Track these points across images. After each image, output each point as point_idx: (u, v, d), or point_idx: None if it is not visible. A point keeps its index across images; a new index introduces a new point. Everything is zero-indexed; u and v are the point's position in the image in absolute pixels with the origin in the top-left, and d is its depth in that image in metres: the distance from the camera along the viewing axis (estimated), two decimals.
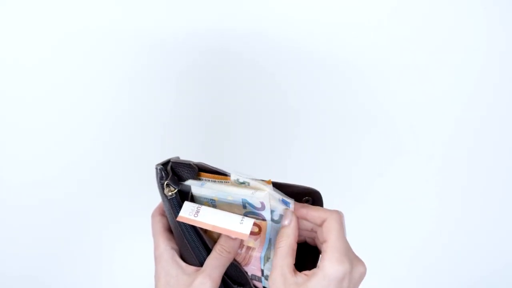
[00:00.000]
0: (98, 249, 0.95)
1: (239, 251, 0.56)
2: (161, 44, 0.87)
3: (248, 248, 0.56)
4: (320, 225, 0.52)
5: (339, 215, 0.51)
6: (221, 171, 0.52)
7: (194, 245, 0.54)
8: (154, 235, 0.57)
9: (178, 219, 0.52)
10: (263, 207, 0.52)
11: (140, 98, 0.90)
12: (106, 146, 0.91)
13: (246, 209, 0.53)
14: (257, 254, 0.56)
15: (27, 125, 0.88)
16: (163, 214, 0.58)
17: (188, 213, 0.52)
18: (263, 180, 0.51)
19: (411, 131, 0.97)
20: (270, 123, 0.93)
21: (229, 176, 0.52)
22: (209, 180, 0.54)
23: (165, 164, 0.54)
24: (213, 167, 0.53)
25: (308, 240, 0.56)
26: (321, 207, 0.54)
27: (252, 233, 0.54)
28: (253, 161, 0.94)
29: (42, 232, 0.92)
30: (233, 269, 0.56)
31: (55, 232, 0.93)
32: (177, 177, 0.53)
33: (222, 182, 0.53)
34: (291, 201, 0.53)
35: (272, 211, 0.52)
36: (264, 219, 0.53)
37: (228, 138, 0.94)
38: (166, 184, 0.52)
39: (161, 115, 0.91)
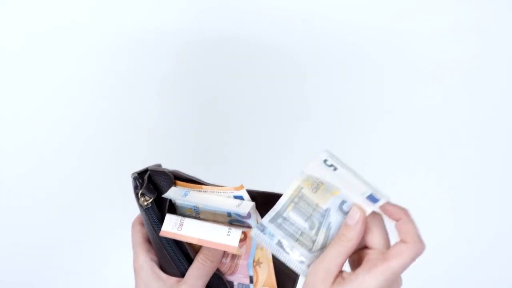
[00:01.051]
0: (80, 257, 0.95)
1: (223, 260, 0.55)
2: (148, 46, 0.87)
3: (234, 256, 0.55)
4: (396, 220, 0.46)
5: (421, 245, 0.45)
6: (196, 180, 0.51)
7: (174, 255, 0.53)
8: (133, 246, 0.56)
9: (161, 234, 0.50)
10: (249, 215, 0.50)
11: (136, 106, 0.90)
12: (97, 152, 0.91)
13: (231, 217, 0.52)
14: (244, 261, 0.54)
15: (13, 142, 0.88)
16: (143, 224, 0.56)
17: (171, 226, 0.50)
18: (234, 187, 0.50)
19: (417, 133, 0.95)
20: (261, 126, 0.92)
21: (204, 184, 0.51)
22: (191, 190, 0.52)
23: (142, 172, 0.53)
24: (188, 175, 0.51)
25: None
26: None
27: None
28: (243, 165, 0.93)
29: (36, 234, 0.92)
30: (216, 280, 0.54)
31: (48, 237, 0.93)
32: (153, 185, 0.52)
33: (200, 191, 0.51)
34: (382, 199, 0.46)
35: (343, 202, 0.46)
36: (249, 226, 0.52)
37: (217, 142, 0.93)
38: (141, 194, 0.50)
39: (157, 121, 0.91)
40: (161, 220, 0.51)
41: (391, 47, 0.91)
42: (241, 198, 0.50)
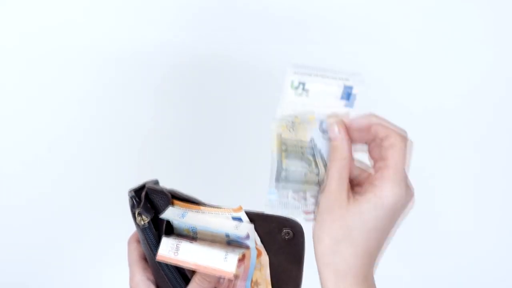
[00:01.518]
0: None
1: (221, 280, 0.54)
2: (144, 57, 0.87)
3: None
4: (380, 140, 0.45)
5: (403, 134, 0.45)
6: (193, 200, 0.50)
7: (171, 275, 0.52)
8: (129, 264, 0.55)
9: (158, 258, 0.49)
10: (247, 236, 0.50)
11: (133, 113, 0.90)
12: (91, 161, 0.91)
13: (229, 238, 0.51)
14: (242, 282, 0.54)
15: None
16: (139, 241, 0.55)
17: (168, 250, 0.49)
18: (233, 208, 0.49)
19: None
20: (253, 137, 0.91)
21: (202, 205, 0.50)
22: (189, 210, 0.51)
23: (139, 190, 0.52)
24: (185, 195, 0.50)
25: (372, 146, 0.48)
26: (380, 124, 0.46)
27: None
28: (239, 178, 0.92)
29: (31, 236, 0.92)
30: None
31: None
32: (151, 204, 0.51)
33: (198, 211, 0.51)
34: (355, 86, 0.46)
35: (322, 122, 0.46)
36: (248, 247, 0.51)
37: (214, 155, 0.93)
38: (138, 213, 0.49)
39: (155, 130, 0.91)
40: (158, 240, 0.51)
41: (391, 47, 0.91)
42: (239, 219, 0.49)
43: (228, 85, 0.90)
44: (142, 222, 0.50)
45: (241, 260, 0.52)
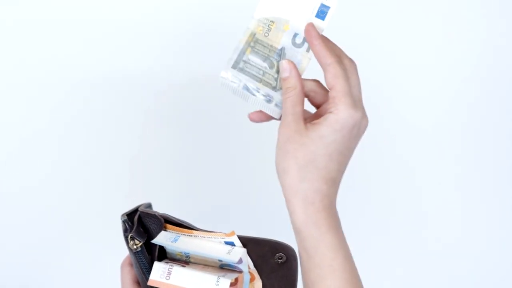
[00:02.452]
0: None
1: None
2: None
3: None
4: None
5: (348, 60, 0.48)
6: (186, 225, 0.50)
7: None
8: (122, 287, 0.54)
9: (149, 283, 0.49)
10: (240, 261, 0.49)
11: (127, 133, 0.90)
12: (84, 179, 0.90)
13: (222, 262, 0.51)
14: None
15: None
16: (132, 265, 0.55)
17: (159, 275, 0.49)
18: (225, 233, 0.49)
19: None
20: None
21: (194, 229, 0.50)
22: (182, 234, 0.51)
23: (132, 213, 0.52)
24: (178, 219, 0.50)
25: (311, 95, 0.51)
26: (332, 48, 0.49)
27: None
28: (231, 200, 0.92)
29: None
30: None
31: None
32: (143, 228, 0.51)
33: (190, 236, 0.50)
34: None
35: (295, 34, 0.50)
36: (241, 271, 0.51)
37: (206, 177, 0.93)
38: (131, 237, 0.49)
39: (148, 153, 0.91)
40: (151, 264, 0.50)
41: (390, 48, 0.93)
42: (232, 244, 0.49)
43: (220, 106, 0.90)
44: (135, 246, 0.49)
45: (234, 284, 0.51)
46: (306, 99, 0.51)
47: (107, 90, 0.88)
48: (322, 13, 0.49)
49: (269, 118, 0.51)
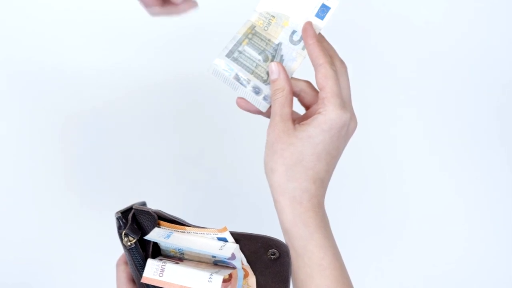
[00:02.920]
0: None
1: None
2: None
3: None
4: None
5: (340, 62, 0.49)
6: (179, 221, 0.50)
7: None
8: (118, 286, 0.55)
9: (143, 280, 0.50)
10: (233, 257, 0.50)
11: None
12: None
13: (216, 258, 0.51)
14: None
15: None
16: (127, 263, 0.55)
17: (153, 272, 0.49)
18: (218, 229, 0.49)
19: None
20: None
21: (187, 226, 0.50)
22: (175, 231, 0.51)
23: (126, 211, 0.52)
24: (171, 215, 0.51)
25: (302, 95, 0.52)
26: (326, 48, 0.50)
27: (223, 280, 0.51)
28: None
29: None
30: None
31: None
32: (137, 225, 0.51)
33: (184, 232, 0.51)
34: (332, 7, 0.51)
35: (293, 32, 0.51)
36: (234, 267, 0.51)
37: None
38: (125, 234, 0.49)
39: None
40: (145, 261, 0.51)
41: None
42: (224, 240, 0.50)
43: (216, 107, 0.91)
44: (129, 243, 0.50)
45: (228, 280, 0.52)
46: (296, 99, 0.52)
47: (98, 88, 0.88)
48: (322, 12, 0.51)
49: (255, 110, 0.52)
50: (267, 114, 0.52)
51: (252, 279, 0.52)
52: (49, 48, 0.88)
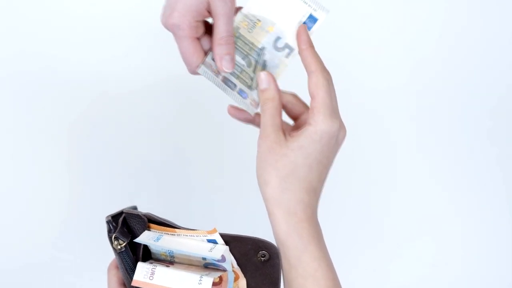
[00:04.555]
0: None
1: None
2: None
3: None
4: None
5: (327, 72, 0.49)
6: (169, 223, 0.51)
7: None
8: None
9: (133, 283, 0.50)
10: (223, 259, 0.50)
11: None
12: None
13: (206, 261, 0.51)
14: None
15: None
16: (119, 267, 0.55)
17: (143, 275, 0.50)
18: (207, 231, 0.49)
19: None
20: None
21: (177, 228, 0.50)
22: (164, 233, 0.52)
23: (117, 215, 0.52)
24: (161, 218, 0.51)
25: (289, 107, 0.53)
26: (312, 59, 0.50)
27: (213, 283, 0.51)
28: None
29: None
30: None
31: None
32: (128, 228, 0.51)
33: (173, 234, 0.51)
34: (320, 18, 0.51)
35: (278, 38, 0.51)
36: (225, 270, 0.51)
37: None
38: (115, 237, 0.50)
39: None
40: (136, 264, 0.51)
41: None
42: (214, 242, 0.50)
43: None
44: (119, 247, 0.50)
45: (218, 283, 0.52)
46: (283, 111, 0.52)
47: (92, 92, 0.89)
48: (309, 23, 0.50)
49: (244, 119, 0.52)
50: (257, 123, 0.52)
51: (242, 282, 0.52)
52: (47, 50, 0.88)
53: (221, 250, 0.49)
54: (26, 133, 0.90)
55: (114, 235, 0.50)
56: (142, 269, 0.50)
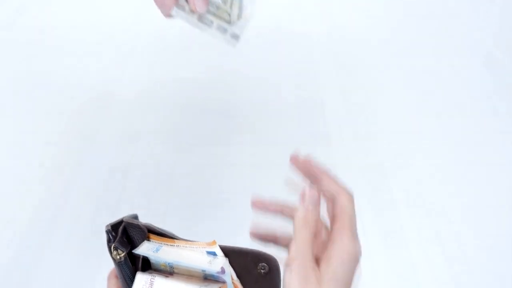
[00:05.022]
0: None
1: None
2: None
3: None
4: (330, 200, 0.49)
5: (351, 193, 0.49)
6: (168, 234, 0.50)
7: None
8: None
9: None
10: (223, 271, 0.49)
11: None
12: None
13: (206, 273, 0.51)
14: None
15: None
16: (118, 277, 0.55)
17: (142, 286, 0.49)
18: (207, 243, 0.49)
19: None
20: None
21: (176, 239, 0.50)
22: (163, 244, 0.51)
23: (116, 224, 0.51)
24: (160, 229, 0.50)
25: (281, 239, 0.54)
26: (333, 184, 0.49)
27: None
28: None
29: None
30: None
31: None
32: (127, 238, 0.51)
33: (173, 245, 0.50)
34: None
35: None
36: (224, 282, 0.50)
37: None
38: (114, 247, 0.49)
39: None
40: (135, 274, 0.50)
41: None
42: (213, 254, 0.49)
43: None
44: (118, 257, 0.49)
45: None
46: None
47: (92, 92, 0.89)
48: None
49: (270, 238, 0.53)
50: (282, 244, 0.53)
51: None
52: (47, 54, 0.89)
53: (221, 262, 0.48)
54: (26, 133, 0.90)
55: (113, 245, 0.49)
56: (141, 279, 0.49)
